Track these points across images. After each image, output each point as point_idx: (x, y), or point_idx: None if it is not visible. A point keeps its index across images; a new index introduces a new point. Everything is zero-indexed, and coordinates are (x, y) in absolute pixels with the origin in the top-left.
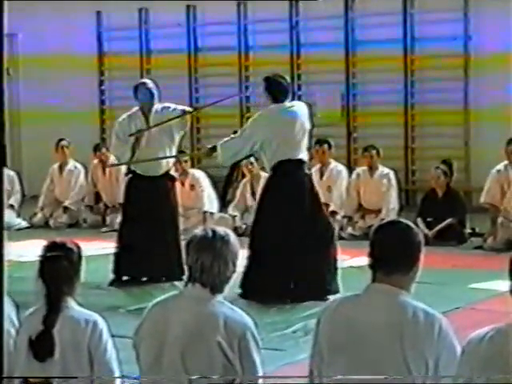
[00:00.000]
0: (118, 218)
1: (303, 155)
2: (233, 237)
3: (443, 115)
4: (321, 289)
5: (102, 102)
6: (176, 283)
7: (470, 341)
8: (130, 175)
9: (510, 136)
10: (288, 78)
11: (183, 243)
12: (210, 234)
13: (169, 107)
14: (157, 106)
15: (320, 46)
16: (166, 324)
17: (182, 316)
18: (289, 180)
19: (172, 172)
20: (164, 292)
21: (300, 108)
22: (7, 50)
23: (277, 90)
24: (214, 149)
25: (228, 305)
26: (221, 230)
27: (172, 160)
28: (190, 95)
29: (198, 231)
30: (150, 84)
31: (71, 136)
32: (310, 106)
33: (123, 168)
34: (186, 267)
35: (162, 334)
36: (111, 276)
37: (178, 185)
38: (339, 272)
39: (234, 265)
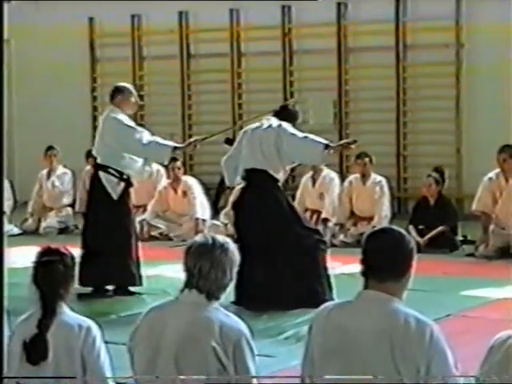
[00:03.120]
0: None
1: (274, 171)
2: (232, 245)
3: (435, 123)
4: (311, 297)
5: (95, 109)
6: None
7: (498, 337)
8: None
9: (502, 144)
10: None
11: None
12: (210, 241)
13: None
14: None
15: (312, 53)
16: (162, 329)
17: (177, 321)
18: (258, 190)
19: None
20: (157, 298)
21: (277, 125)
22: None
23: (281, 108)
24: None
25: (223, 311)
26: (220, 238)
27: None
28: (183, 101)
29: (198, 238)
30: None
31: (63, 142)
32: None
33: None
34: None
35: (156, 339)
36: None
37: (170, 191)
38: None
39: (232, 273)
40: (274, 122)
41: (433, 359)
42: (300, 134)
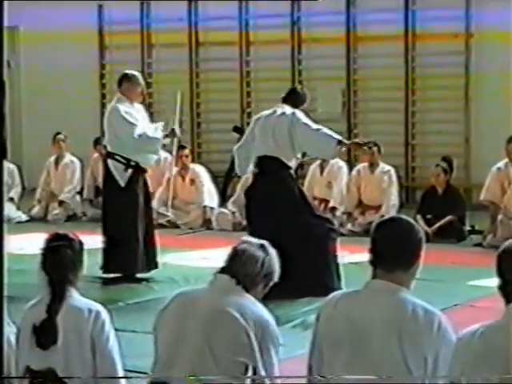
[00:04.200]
0: None
1: (286, 158)
2: (274, 254)
3: (444, 112)
4: (320, 286)
5: (103, 96)
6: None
7: (462, 337)
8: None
9: (511, 134)
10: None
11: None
12: (258, 241)
13: None
14: None
15: (321, 42)
16: (192, 305)
17: (208, 299)
18: (270, 178)
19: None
20: (164, 286)
21: (291, 114)
22: (8, 43)
23: (289, 92)
24: None
25: (253, 299)
26: (266, 243)
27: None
28: (191, 89)
29: (247, 238)
30: None
31: (71, 129)
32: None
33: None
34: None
35: (186, 314)
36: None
37: (178, 179)
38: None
39: (264, 272)
40: (288, 109)
41: (440, 349)
42: (313, 126)
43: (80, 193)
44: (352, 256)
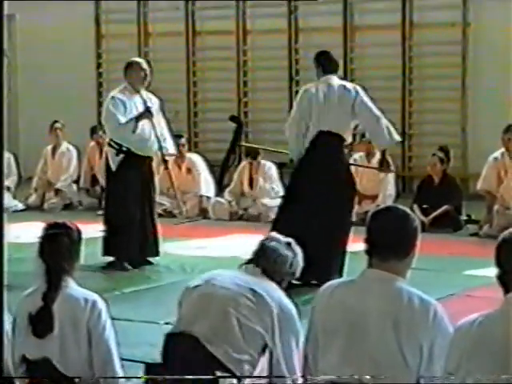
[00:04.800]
0: None
1: (345, 133)
2: (300, 252)
3: (441, 102)
4: (324, 275)
5: (100, 85)
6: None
7: (460, 327)
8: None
9: (507, 124)
10: (287, 64)
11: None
12: (285, 239)
13: None
14: None
15: (318, 31)
16: (220, 280)
17: (236, 278)
18: (328, 153)
19: None
20: (160, 275)
21: (353, 88)
22: (5, 32)
23: (327, 60)
24: None
25: (277, 287)
26: (293, 242)
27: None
28: (188, 78)
29: (275, 235)
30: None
31: (68, 118)
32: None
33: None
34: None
35: (214, 286)
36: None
37: (174, 168)
38: None
39: (292, 274)
40: (344, 82)
41: (436, 338)
42: (376, 111)
43: (76, 182)
44: (349, 245)
